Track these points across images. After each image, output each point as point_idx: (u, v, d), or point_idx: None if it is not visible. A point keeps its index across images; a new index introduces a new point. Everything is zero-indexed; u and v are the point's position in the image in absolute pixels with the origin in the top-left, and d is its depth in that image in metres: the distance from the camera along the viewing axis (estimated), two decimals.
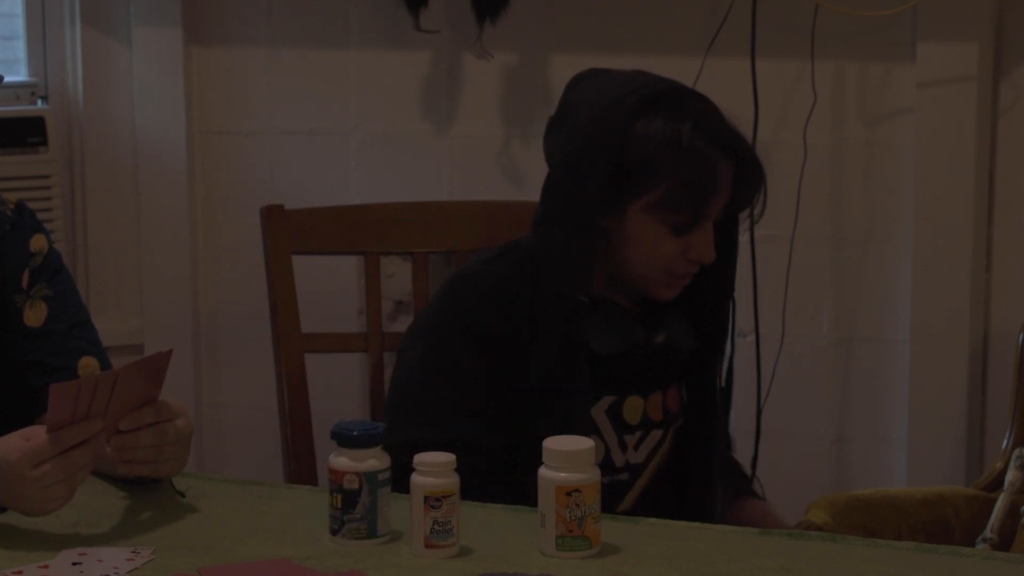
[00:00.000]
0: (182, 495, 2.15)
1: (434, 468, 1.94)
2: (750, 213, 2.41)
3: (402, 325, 3.47)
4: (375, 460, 1.97)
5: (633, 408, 2.41)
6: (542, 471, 1.96)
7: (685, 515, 2.27)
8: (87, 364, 2.26)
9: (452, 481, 1.95)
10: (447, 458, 1.95)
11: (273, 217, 2.82)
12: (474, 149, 3.57)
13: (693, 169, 2.30)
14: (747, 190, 2.36)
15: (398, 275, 3.56)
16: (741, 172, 2.35)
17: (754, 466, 3.23)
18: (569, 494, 1.94)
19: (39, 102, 3.65)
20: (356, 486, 1.96)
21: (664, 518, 2.14)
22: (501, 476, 2.28)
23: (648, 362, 2.40)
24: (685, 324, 2.43)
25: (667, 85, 2.35)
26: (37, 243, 2.28)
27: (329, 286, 3.55)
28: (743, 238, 3.42)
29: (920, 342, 3.40)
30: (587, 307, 2.33)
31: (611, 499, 2.32)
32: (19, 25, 3.66)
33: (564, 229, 2.34)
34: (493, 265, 2.42)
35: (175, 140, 3.66)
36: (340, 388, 3.53)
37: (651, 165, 2.30)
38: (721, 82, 3.39)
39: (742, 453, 3.03)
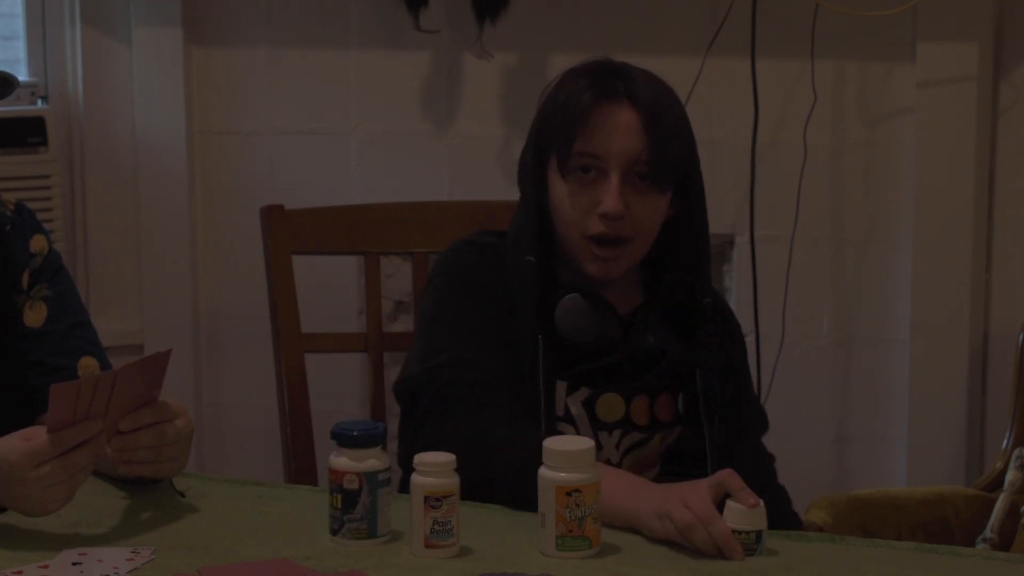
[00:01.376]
0: (182, 495, 2.15)
1: (434, 468, 1.94)
2: (668, 170, 2.34)
3: (402, 325, 3.48)
4: (375, 460, 1.97)
5: (608, 405, 2.39)
6: (542, 471, 1.96)
7: None
8: (87, 364, 2.26)
9: (452, 481, 1.95)
10: (447, 458, 1.96)
11: (273, 217, 2.82)
12: (474, 149, 3.57)
13: (567, 110, 2.34)
14: (654, 139, 2.33)
15: (398, 275, 3.55)
16: (647, 122, 2.34)
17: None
18: (569, 494, 1.94)
19: (39, 102, 3.65)
20: (356, 486, 1.96)
21: None
22: (504, 391, 2.28)
23: (628, 361, 2.39)
24: (670, 328, 2.40)
25: (595, 61, 2.39)
26: (37, 244, 2.28)
27: (329, 286, 3.55)
28: (743, 239, 3.43)
29: (920, 342, 3.40)
30: (558, 293, 2.34)
31: None
32: (19, 25, 3.66)
33: (519, 212, 2.41)
34: (485, 237, 2.46)
35: (175, 140, 3.66)
36: (340, 388, 3.53)
37: (548, 125, 2.36)
38: (721, 82, 3.40)
39: None
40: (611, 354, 2.37)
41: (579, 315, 2.35)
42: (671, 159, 2.33)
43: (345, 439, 1.97)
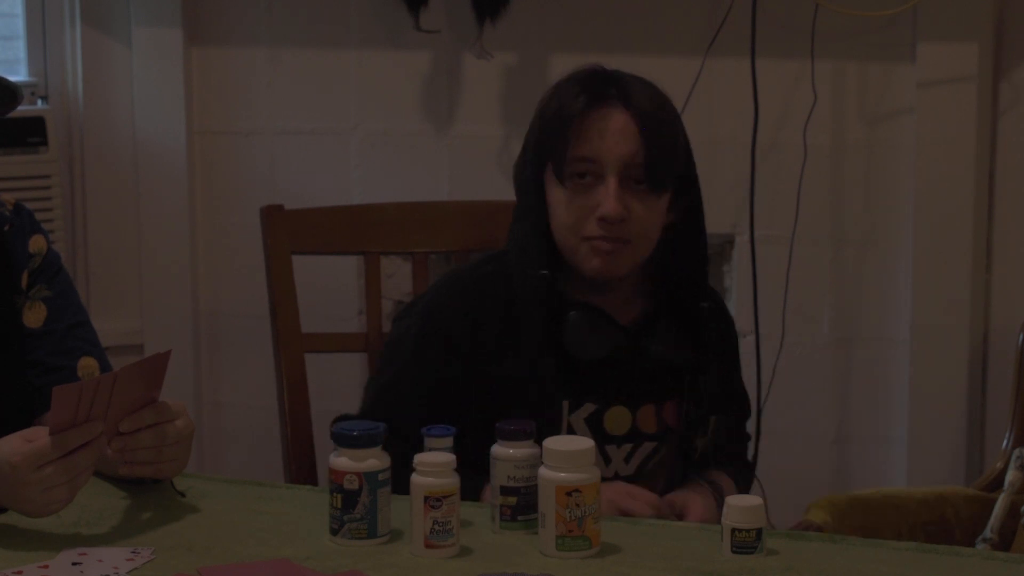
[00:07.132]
0: (182, 495, 2.15)
1: (434, 468, 1.94)
2: (662, 174, 2.33)
3: None
4: (375, 460, 1.97)
5: (616, 418, 2.39)
6: (542, 471, 1.96)
7: None
8: (86, 364, 2.26)
9: (452, 481, 1.95)
10: (447, 458, 1.96)
11: (273, 217, 2.83)
12: (474, 149, 3.57)
13: (560, 117, 2.34)
14: (649, 140, 2.32)
15: (398, 275, 3.56)
16: (641, 124, 2.33)
17: (754, 466, 3.22)
18: (569, 494, 1.94)
19: (39, 102, 3.65)
20: (356, 486, 1.96)
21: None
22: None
23: (635, 372, 2.38)
24: (676, 335, 2.40)
25: (587, 68, 2.39)
26: (36, 244, 2.28)
27: (329, 286, 3.55)
28: (743, 239, 3.43)
29: (920, 342, 3.40)
30: (565, 310, 2.33)
31: None
32: (19, 25, 3.66)
33: (519, 224, 2.41)
34: (480, 265, 2.45)
35: (175, 140, 3.66)
36: (340, 388, 3.53)
37: (542, 133, 2.36)
38: (721, 82, 3.40)
39: None
40: (618, 367, 2.36)
41: (586, 333, 2.34)
42: (666, 160, 2.33)
43: (345, 439, 1.97)
